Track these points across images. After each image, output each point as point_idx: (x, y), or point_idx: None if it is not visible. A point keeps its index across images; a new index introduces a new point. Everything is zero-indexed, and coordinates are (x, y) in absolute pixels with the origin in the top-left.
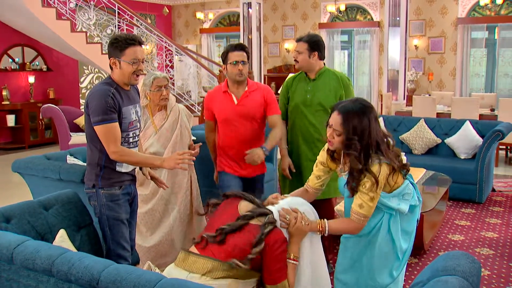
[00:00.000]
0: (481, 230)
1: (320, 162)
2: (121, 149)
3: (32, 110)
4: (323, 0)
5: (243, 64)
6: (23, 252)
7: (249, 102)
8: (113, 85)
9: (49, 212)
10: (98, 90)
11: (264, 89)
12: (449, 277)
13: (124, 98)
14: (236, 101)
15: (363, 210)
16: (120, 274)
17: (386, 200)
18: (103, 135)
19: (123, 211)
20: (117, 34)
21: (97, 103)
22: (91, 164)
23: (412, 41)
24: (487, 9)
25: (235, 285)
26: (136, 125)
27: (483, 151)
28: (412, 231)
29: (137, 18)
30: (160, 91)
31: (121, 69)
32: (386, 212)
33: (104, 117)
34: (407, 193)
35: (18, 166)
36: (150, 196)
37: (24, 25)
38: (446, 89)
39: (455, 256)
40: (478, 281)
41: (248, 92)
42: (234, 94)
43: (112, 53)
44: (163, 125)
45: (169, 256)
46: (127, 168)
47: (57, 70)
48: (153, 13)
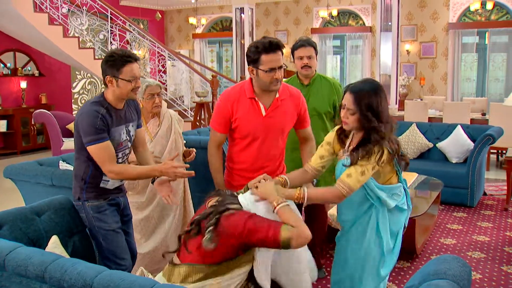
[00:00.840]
0: (472, 234)
1: (326, 142)
2: (117, 167)
3: (24, 115)
4: (315, 5)
5: (280, 69)
6: (16, 259)
7: (279, 114)
8: (104, 104)
9: (41, 218)
10: (88, 111)
11: (297, 97)
12: (440, 281)
13: (114, 119)
14: (264, 112)
15: (350, 180)
16: (113, 280)
17: (376, 188)
18: (97, 155)
19: (112, 221)
20: (112, 51)
21: (87, 125)
22: (76, 176)
23: (403, 46)
24: (478, 15)
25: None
26: (127, 145)
27: (474, 155)
28: (398, 232)
29: (129, 23)
30: (153, 98)
31: (118, 87)
32: (374, 204)
33: (95, 137)
34: (396, 194)
35: (10, 172)
36: (146, 203)
37: (16, 30)
38: (438, 94)
39: (446, 260)
40: (469, 285)
41: (279, 100)
42: (262, 102)
43: (107, 71)
44: (158, 133)
45: (164, 263)
46: (112, 186)
47: (49, 75)
48: (145, 18)
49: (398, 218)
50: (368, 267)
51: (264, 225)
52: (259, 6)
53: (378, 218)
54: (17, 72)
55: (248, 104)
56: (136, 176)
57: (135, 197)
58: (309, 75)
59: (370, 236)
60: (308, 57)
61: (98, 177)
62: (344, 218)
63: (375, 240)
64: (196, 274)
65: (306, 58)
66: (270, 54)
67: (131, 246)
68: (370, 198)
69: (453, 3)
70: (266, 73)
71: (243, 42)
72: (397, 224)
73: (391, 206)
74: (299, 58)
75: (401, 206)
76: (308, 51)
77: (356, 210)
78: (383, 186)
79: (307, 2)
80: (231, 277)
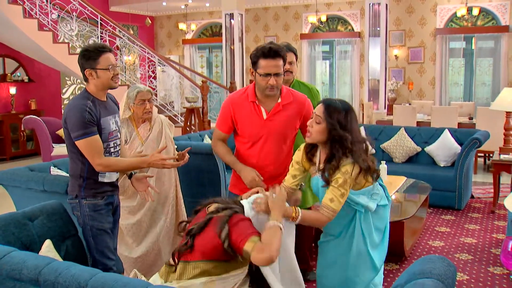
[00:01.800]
0: (460, 236)
1: (295, 162)
2: (105, 160)
3: (14, 121)
4: (304, 11)
5: (277, 76)
6: (9, 263)
7: (281, 118)
8: (90, 98)
9: (34, 223)
10: (75, 105)
11: (301, 102)
12: (426, 280)
13: (101, 110)
14: (265, 115)
15: (333, 205)
16: (107, 282)
17: (356, 197)
18: (86, 149)
19: (106, 221)
20: (85, 46)
21: (75, 119)
22: (73, 175)
23: (392, 51)
24: (464, 20)
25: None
26: (117, 135)
27: (462, 158)
28: (384, 227)
29: (119, 29)
30: (144, 104)
31: (98, 78)
32: (358, 210)
33: (84, 131)
34: (375, 193)
35: (1, 178)
36: (137, 208)
37: (5, 36)
38: (426, 98)
39: (431, 260)
40: (453, 284)
41: (281, 105)
42: (263, 105)
43: (85, 64)
44: (149, 137)
45: (156, 266)
46: (110, 178)
47: (39, 81)
48: (135, 24)
49: (381, 215)
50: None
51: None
52: (249, 11)
53: (361, 221)
54: (7, 78)
55: (250, 108)
56: (125, 167)
57: (126, 202)
58: (289, 80)
59: (357, 238)
60: (289, 63)
61: (95, 171)
62: (332, 232)
63: (362, 240)
64: (192, 270)
65: (288, 64)
66: (268, 59)
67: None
68: (353, 206)
69: (440, 9)
70: (262, 77)
71: (232, 48)
72: (382, 220)
73: (373, 209)
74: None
75: (382, 204)
76: (289, 56)
77: (342, 220)
78: (362, 191)
79: (296, 8)
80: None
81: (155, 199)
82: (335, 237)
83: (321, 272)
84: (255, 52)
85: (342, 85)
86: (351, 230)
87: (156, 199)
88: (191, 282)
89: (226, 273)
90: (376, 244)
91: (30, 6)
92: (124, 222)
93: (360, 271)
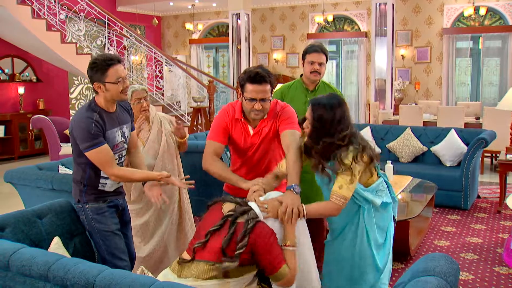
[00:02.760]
0: (466, 236)
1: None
2: (118, 170)
3: (22, 121)
4: (311, 11)
5: (263, 101)
6: (20, 259)
7: (266, 131)
8: (96, 110)
9: (43, 221)
10: (81, 118)
11: (279, 109)
12: (429, 277)
13: (107, 122)
14: (252, 132)
15: (342, 191)
16: (115, 278)
17: (362, 191)
18: (96, 160)
19: (111, 223)
20: (94, 57)
21: (82, 132)
22: (75, 180)
23: (399, 51)
24: (471, 20)
25: (226, 286)
26: (122, 146)
27: (468, 158)
28: (386, 227)
29: (126, 29)
30: (140, 103)
31: (107, 91)
32: (362, 206)
33: (93, 143)
34: (380, 190)
35: (11, 176)
36: (144, 209)
37: (14, 36)
38: (433, 98)
39: (435, 258)
40: (456, 281)
41: (267, 120)
42: (250, 123)
43: (94, 77)
44: (149, 138)
45: (162, 263)
46: (110, 188)
47: (47, 81)
48: (142, 24)
49: (384, 214)
50: (364, 265)
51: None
52: (255, 11)
53: (365, 218)
54: (15, 78)
55: (238, 124)
56: (137, 179)
57: (131, 206)
58: (317, 81)
59: (361, 236)
60: (319, 64)
61: (96, 179)
62: (336, 226)
63: (366, 239)
64: (210, 272)
65: (317, 64)
66: (254, 84)
67: (129, 248)
68: (358, 201)
69: (447, 9)
70: (247, 101)
71: (239, 48)
72: (384, 219)
73: (378, 204)
74: (310, 63)
75: (386, 201)
76: (320, 57)
77: (346, 216)
78: (368, 188)
79: (303, 8)
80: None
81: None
82: (338, 235)
83: (327, 271)
84: (243, 75)
85: (349, 85)
86: (353, 228)
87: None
88: (207, 283)
89: (241, 276)
90: (379, 244)
91: (38, 6)
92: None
93: (364, 271)
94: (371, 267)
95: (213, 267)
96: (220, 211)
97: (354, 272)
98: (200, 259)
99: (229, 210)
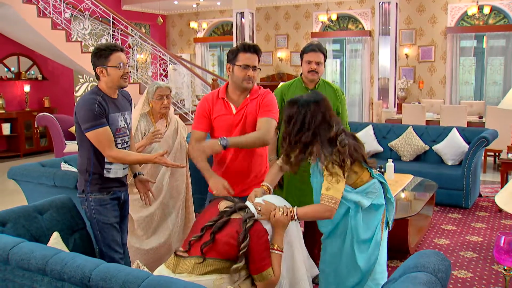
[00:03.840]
0: (466, 234)
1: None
2: (116, 152)
3: (28, 118)
4: (315, 10)
5: (254, 70)
6: (19, 253)
7: (249, 111)
8: (100, 94)
9: (43, 216)
10: (85, 99)
11: (262, 94)
12: (419, 273)
13: (110, 106)
14: (234, 110)
15: (331, 192)
16: (110, 272)
17: (346, 193)
18: (96, 140)
19: (111, 215)
20: (98, 44)
21: (85, 112)
22: (80, 170)
23: (402, 49)
24: (475, 19)
25: (221, 281)
26: (125, 131)
27: (469, 157)
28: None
29: (131, 28)
30: (162, 99)
31: (109, 75)
32: (349, 205)
33: (94, 123)
34: (371, 192)
35: (14, 173)
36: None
37: (20, 35)
38: (437, 97)
39: (426, 254)
40: (447, 278)
41: (249, 99)
42: (232, 102)
43: (97, 62)
44: (165, 133)
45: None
46: (115, 174)
47: (52, 79)
48: (147, 22)
49: (374, 215)
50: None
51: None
52: (260, 10)
53: (350, 219)
54: (21, 76)
55: (221, 104)
56: (134, 161)
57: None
58: (315, 80)
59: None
60: (317, 63)
61: (100, 166)
62: (325, 229)
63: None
64: (205, 267)
65: (314, 64)
66: (247, 53)
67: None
68: (346, 202)
69: (451, 8)
70: (241, 69)
71: None
72: (373, 220)
73: (366, 206)
74: (307, 62)
75: (376, 203)
76: (317, 56)
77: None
78: (357, 190)
79: (307, 7)
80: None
81: (168, 193)
82: (330, 234)
83: (321, 268)
84: (234, 48)
85: (353, 84)
86: (342, 228)
87: (169, 194)
88: (202, 278)
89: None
90: (364, 246)
91: (44, 5)
92: (136, 215)
93: (349, 270)
94: (353, 268)
95: (211, 261)
96: (216, 208)
97: (343, 269)
98: (194, 254)
99: (225, 207)
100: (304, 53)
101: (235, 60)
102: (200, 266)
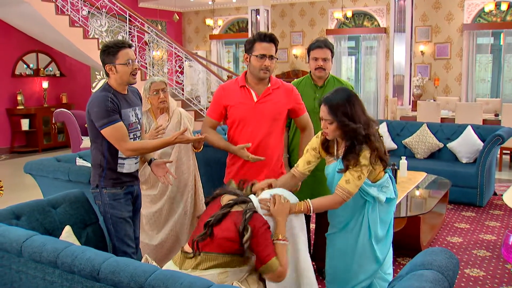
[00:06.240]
0: (479, 233)
1: (312, 148)
2: (131, 144)
3: (46, 114)
4: (330, 7)
5: (271, 59)
6: (31, 246)
7: (271, 100)
8: (111, 90)
9: (57, 210)
10: (97, 97)
11: (288, 88)
12: (425, 271)
13: (122, 102)
14: (255, 98)
15: (349, 186)
16: (119, 265)
17: (368, 187)
18: (112, 136)
19: (125, 210)
20: (106, 42)
21: (98, 109)
22: (94, 165)
23: (418, 46)
24: (492, 16)
25: (224, 275)
26: (137, 127)
27: (484, 155)
28: (388, 221)
29: (147, 25)
30: (158, 94)
31: (118, 72)
32: (368, 201)
33: (108, 120)
34: (385, 186)
35: (30, 168)
36: (158, 196)
37: (39, 32)
38: (452, 95)
39: (434, 252)
40: (455, 276)
41: (271, 89)
42: (253, 90)
43: (106, 60)
44: (168, 127)
45: (173, 253)
46: (128, 170)
47: (70, 76)
48: (163, 19)
49: (388, 209)
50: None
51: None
52: (275, 7)
53: (369, 213)
54: (39, 73)
55: (240, 92)
56: (152, 148)
57: (148, 191)
58: (323, 76)
59: (364, 230)
60: (323, 59)
61: (114, 161)
62: (340, 220)
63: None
64: (209, 262)
65: (321, 60)
66: (263, 42)
67: (135, 235)
68: (364, 196)
69: (467, 4)
70: (257, 59)
71: None
72: (388, 214)
73: (383, 201)
74: (314, 59)
75: (390, 197)
76: (324, 53)
77: (351, 210)
78: (375, 184)
79: (322, 4)
80: (239, 271)
81: (175, 187)
82: (342, 229)
83: (330, 263)
84: (250, 38)
85: (368, 81)
86: (359, 222)
87: (175, 188)
88: (206, 273)
89: (239, 267)
90: (380, 237)
91: (62, 3)
92: (145, 211)
93: (363, 263)
94: (371, 259)
95: (213, 256)
96: (219, 203)
97: (354, 264)
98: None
99: (228, 200)
100: (311, 50)
101: (252, 50)
102: (203, 262)
